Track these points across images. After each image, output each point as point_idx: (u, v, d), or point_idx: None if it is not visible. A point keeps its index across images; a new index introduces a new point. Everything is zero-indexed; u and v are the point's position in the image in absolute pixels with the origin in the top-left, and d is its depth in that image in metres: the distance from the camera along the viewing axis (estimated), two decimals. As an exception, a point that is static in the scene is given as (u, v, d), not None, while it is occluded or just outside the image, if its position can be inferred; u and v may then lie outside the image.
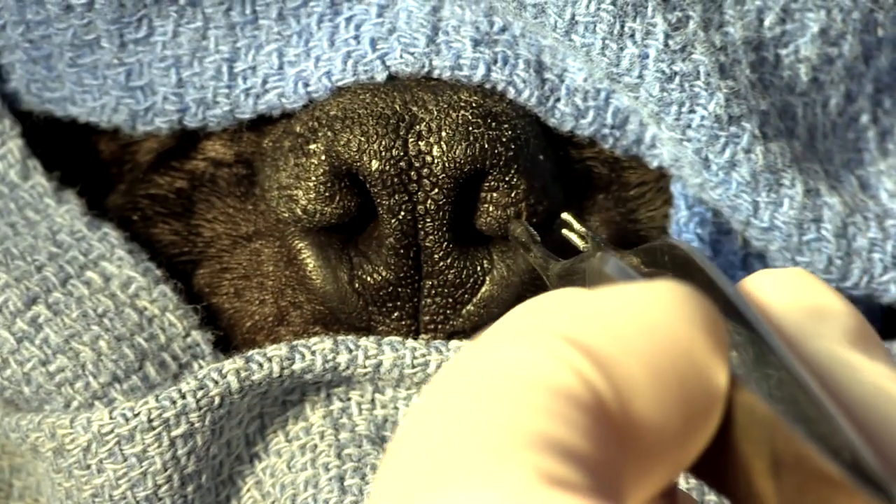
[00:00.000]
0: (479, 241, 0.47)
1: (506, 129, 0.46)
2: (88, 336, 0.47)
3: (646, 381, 0.31)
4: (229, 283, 0.49)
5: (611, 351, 0.31)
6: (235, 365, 0.45)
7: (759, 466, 0.32)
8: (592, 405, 0.30)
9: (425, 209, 0.46)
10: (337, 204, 0.46)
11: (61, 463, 0.46)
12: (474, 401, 0.30)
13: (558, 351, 0.31)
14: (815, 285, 0.37)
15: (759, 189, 0.47)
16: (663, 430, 0.31)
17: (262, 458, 0.47)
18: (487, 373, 0.31)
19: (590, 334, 0.31)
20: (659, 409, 0.31)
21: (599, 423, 0.30)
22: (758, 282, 0.37)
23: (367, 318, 0.47)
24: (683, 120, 0.46)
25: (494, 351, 0.31)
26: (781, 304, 0.36)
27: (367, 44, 0.47)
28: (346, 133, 0.46)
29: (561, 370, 0.31)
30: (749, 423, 0.32)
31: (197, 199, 0.49)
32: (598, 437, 0.30)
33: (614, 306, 0.32)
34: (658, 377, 0.31)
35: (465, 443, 0.30)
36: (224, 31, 0.49)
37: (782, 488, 0.32)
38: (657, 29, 0.46)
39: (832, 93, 0.50)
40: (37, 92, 0.51)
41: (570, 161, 0.49)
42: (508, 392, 0.30)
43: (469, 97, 0.46)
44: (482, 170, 0.46)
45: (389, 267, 0.46)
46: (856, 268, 0.49)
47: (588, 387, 0.31)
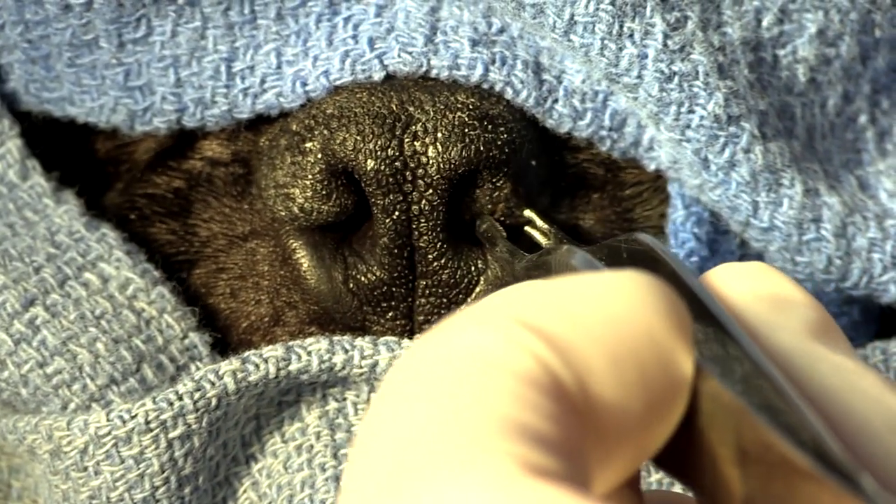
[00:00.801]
0: (473, 241, 0.47)
1: (501, 133, 0.46)
2: (86, 338, 0.47)
3: (605, 366, 0.31)
4: (225, 283, 0.49)
5: (569, 336, 0.31)
6: (232, 366, 0.45)
7: (725, 455, 0.32)
8: (553, 389, 0.30)
9: (420, 209, 0.46)
10: (334, 202, 0.46)
11: (58, 465, 0.45)
12: (440, 389, 0.30)
13: (516, 336, 0.31)
14: (777, 278, 0.37)
15: (759, 189, 0.47)
16: (625, 414, 0.31)
17: (259, 459, 0.47)
18: (450, 359, 0.31)
19: (548, 320, 0.31)
20: (619, 393, 0.31)
21: (561, 406, 0.30)
22: (720, 275, 0.37)
23: (362, 317, 0.47)
24: (682, 120, 0.46)
25: (455, 337, 0.31)
26: (744, 296, 0.36)
27: (366, 43, 0.47)
28: (342, 132, 0.46)
29: (520, 355, 0.31)
30: (714, 411, 0.32)
31: (194, 198, 0.49)
32: (562, 421, 0.30)
33: (574, 293, 0.32)
34: (617, 362, 0.31)
35: (439, 432, 0.29)
36: (222, 30, 0.48)
37: (748, 477, 0.32)
38: (656, 29, 0.46)
39: (830, 93, 0.50)
40: (35, 92, 0.50)
41: (565, 164, 0.49)
42: (472, 378, 0.30)
43: (466, 99, 0.46)
44: (476, 170, 0.46)
45: (384, 267, 0.46)
46: (855, 268, 0.48)
47: (547, 371, 0.31)
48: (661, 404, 0.32)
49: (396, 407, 0.30)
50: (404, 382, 0.31)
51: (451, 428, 0.29)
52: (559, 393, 0.30)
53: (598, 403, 0.31)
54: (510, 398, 0.30)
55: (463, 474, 0.28)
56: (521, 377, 0.30)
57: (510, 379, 0.30)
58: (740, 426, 0.32)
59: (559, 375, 0.31)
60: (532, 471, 0.28)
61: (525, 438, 0.29)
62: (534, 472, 0.28)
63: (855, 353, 0.36)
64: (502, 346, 0.31)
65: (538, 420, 0.30)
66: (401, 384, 0.31)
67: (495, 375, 0.30)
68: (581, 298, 0.32)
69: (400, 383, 0.31)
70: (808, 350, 0.35)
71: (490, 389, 0.30)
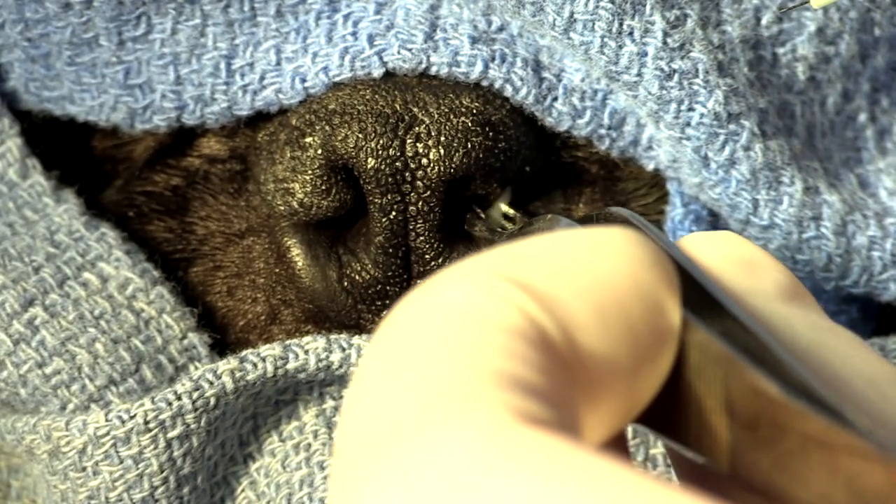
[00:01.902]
0: (468, 241, 0.47)
1: (500, 140, 0.46)
2: (85, 338, 0.47)
3: (591, 318, 0.31)
4: (222, 281, 0.49)
5: (554, 289, 0.31)
6: (230, 365, 0.45)
7: (712, 405, 0.32)
8: (540, 341, 0.31)
9: (417, 210, 0.46)
10: (333, 197, 0.46)
11: (57, 465, 0.45)
12: (429, 344, 0.30)
13: (502, 291, 0.31)
14: (746, 245, 0.37)
15: (759, 187, 0.47)
16: (612, 365, 0.31)
17: (257, 459, 0.47)
18: (437, 315, 0.31)
19: (533, 274, 0.32)
20: (606, 343, 0.31)
21: (549, 358, 0.30)
22: (692, 242, 0.37)
23: (357, 316, 0.47)
24: (682, 118, 0.46)
25: (442, 294, 0.31)
26: (717, 262, 0.36)
27: (365, 40, 0.47)
28: (343, 128, 0.46)
29: (506, 309, 0.31)
30: (702, 362, 0.32)
31: (191, 196, 0.49)
32: (551, 372, 0.30)
33: (559, 248, 0.32)
34: (603, 313, 0.31)
35: (430, 385, 0.29)
36: (222, 28, 0.48)
37: (735, 425, 0.32)
38: (655, 27, 0.46)
39: (830, 91, 0.50)
40: (35, 91, 0.50)
41: (562, 163, 0.49)
42: (461, 332, 0.30)
43: (470, 103, 0.46)
44: (472, 175, 0.46)
45: (378, 265, 0.46)
46: (855, 266, 0.48)
47: (533, 324, 0.31)
48: (649, 353, 0.32)
49: (386, 363, 0.30)
50: (393, 339, 0.31)
51: (442, 380, 0.29)
52: (546, 345, 0.31)
53: (585, 354, 0.31)
54: (498, 351, 0.30)
55: (457, 423, 0.28)
56: (508, 330, 0.30)
57: (497, 332, 0.30)
58: (728, 374, 0.32)
59: (545, 328, 0.31)
60: (525, 418, 0.29)
61: (516, 388, 0.29)
62: (526, 419, 0.29)
63: (825, 314, 0.36)
64: (488, 301, 0.31)
65: (527, 371, 0.30)
66: (390, 341, 0.31)
67: (483, 329, 0.30)
68: (565, 253, 0.32)
69: (389, 340, 0.31)
70: (781, 312, 0.35)
71: (478, 343, 0.30)
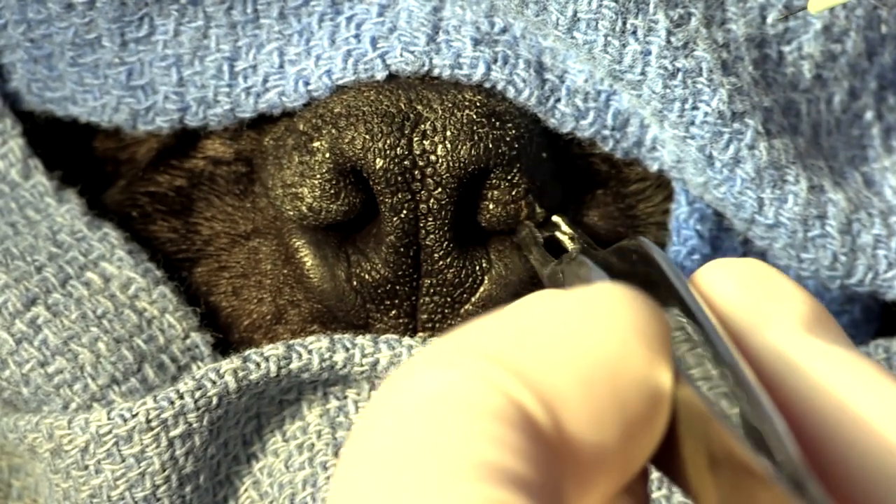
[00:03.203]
0: (478, 240, 0.47)
1: (510, 129, 0.46)
2: (87, 338, 0.46)
3: (578, 396, 0.30)
4: (227, 281, 0.49)
5: (538, 369, 0.30)
6: (233, 365, 0.45)
7: (700, 461, 0.32)
8: (525, 426, 0.30)
9: (428, 208, 0.46)
10: (342, 201, 0.46)
11: (59, 464, 0.45)
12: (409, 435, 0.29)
13: (482, 372, 0.30)
14: (767, 273, 0.36)
15: (764, 185, 0.47)
16: (601, 444, 0.31)
17: (260, 458, 0.47)
18: (416, 404, 0.30)
19: (515, 353, 0.31)
20: (594, 422, 0.31)
21: (535, 444, 0.29)
22: (710, 274, 0.36)
23: (365, 315, 0.47)
24: (687, 117, 0.46)
25: (419, 380, 0.30)
26: (733, 295, 0.36)
27: (368, 42, 0.47)
28: (350, 130, 0.46)
29: (488, 392, 0.30)
30: (689, 418, 0.32)
31: (196, 197, 0.49)
32: (537, 459, 0.29)
33: (542, 323, 0.31)
34: (591, 389, 0.31)
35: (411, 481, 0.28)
36: (225, 29, 0.48)
37: (719, 483, 0.32)
38: (659, 26, 0.46)
39: (836, 90, 0.50)
40: (38, 92, 0.50)
41: (571, 158, 0.48)
42: (442, 421, 0.29)
43: (473, 96, 0.46)
44: (485, 168, 0.46)
45: (388, 265, 0.46)
46: (860, 265, 0.48)
47: (517, 407, 0.30)
48: (640, 423, 0.31)
49: (366, 456, 0.30)
50: (372, 431, 0.30)
51: (424, 475, 0.28)
52: (532, 430, 0.30)
53: (573, 437, 0.30)
54: (482, 439, 0.29)
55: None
56: (491, 416, 0.29)
57: (480, 419, 0.29)
58: (708, 432, 0.32)
59: (530, 412, 0.30)
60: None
61: (499, 481, 0.28)
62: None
63: (849, 342, 0.36)
64: (469, 385, 0.30)
65: (512, 460, 0.29)
66: (369, 433, 0.30)
67: (465, 416, 0.29)
68: (549, 328, 0.31)
69: (368, 432, 0.30)
70: (800, 344, 0.35)
71: (461, 432, 0.29)
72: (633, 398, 0.31)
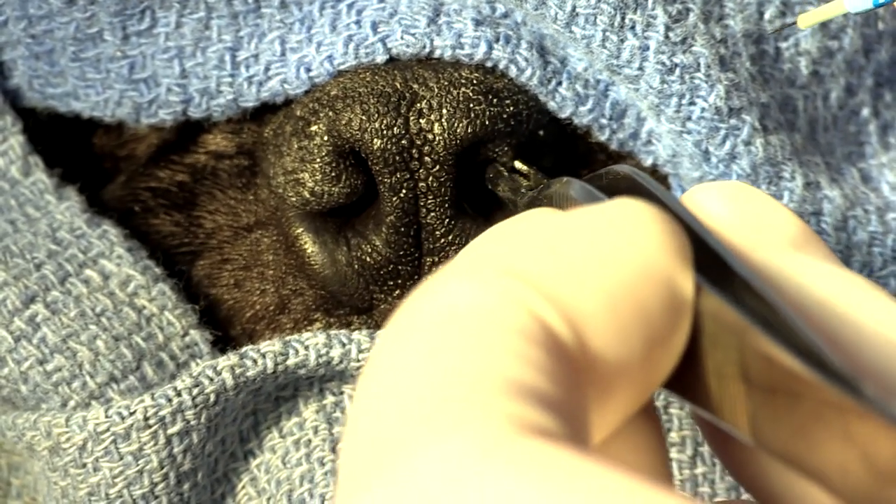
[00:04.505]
0: (481, 217, 0.46)
1: (507, 105, 0.45)
2: (86, 335, 0.46)
3: (602, 312, 0.30)
4: (230, 274, 0.48)
5: (561, 283, 0.30)
6: (230, 361, 0.45)
7: (729, 372, 0.32)
8: (549, 344, 0.29)
9: (427, 186, 0.45)
10: (344, 183, 0.46)
11: (57, 461, 0.45)
12: (435, 349, 0.29)
13: (508, 289, 0.30)
14: (753, 194, 0.36)
15: (759, 182, 0.46)
16: (626, 360, 0.30)
17: (257, 455, 0.46)
18: (442, 318, 0.30)
19: (538, 268, 0.30)
20: (619, 338, 0.30)
21: (559, 362, 0.29)
22: (698, 196, 0.36)
23: (369, 297, 0.47)
24: (684, 112, 0.46)
25: (446, 294, 0.30)
26: (723, 216, 0.35)
27: (369, 27, 0.47)
28: (347, 112, 0.45)
29: (513, 309, 0.30)
30: (716, 330, 0.32)
31: (199, 191, 0.49)
32: (560, 376, 0.29)
33: (563, 234, 0.31)
34: (615, 305, 0.30)
35: (433, 395, 0.28)
36: (227, 20, 0.48)
37: (752, 393, 0.31)
38: (658, 21, 0.46)
39: (833, 86, 0.50)
40: (39, 88, 0.50)
41: (570, 147, 0.48)
42: (467, 336, 0.29)
43: (470, 74, 0.46)
44: (480, 142, 0.45)
45: (390, 245, 0.46)
46: (855, 261, 0.48)
47: (542, 325, 0.30)
48: (664, 335, 0.31)
49: (390, 370, 0.29)
50: (397, 344, 0.30)
51: (447, 389, 0.28)
52: (556, 348, 0.29)
53: (596, 353, 0.30)
54: (506, 357, 0.29)
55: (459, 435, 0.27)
56: (516, 334, 0.29)
57: (505, 336, 0.29)
58: (742, 342, 0.31)
59: (555, 330, 0.30)
60: (530, 430, 0.27)
61: (523, 398, 0.28)
62: (532, 431, 0.27)
63: (837, 260, 0.35)
64: (496, 302, 0.30)
65: (536, 378, 0.29)
66: (394, 346, 0.30)
67: (490, 333, 0.29)
68: (570, 239, 0.31)
69: (393, 345, 0.30)
70: (792, 263, 0.34)
71: (486, 348, 0.29)
72: (657, 307, 0.31)
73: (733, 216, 0.36)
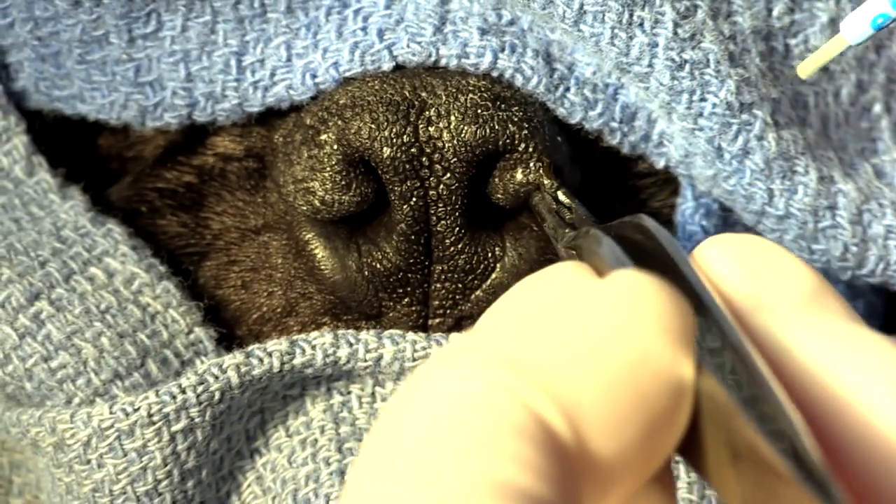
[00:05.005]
0: (492, 226, 0.46)
1: (516, 111, 0.45)
2: (91, 333, 0.46)
3: (600, 404, 0.29)
4: (237, 275, 0.48)
5: (560, 375, 0.29)
6: (235, 360, 0.44)
7: (722, 454, 0.31)
8: (546, 443, 0.28)
9: (437, 194, 0.45)
10: (354, 192, 0.45)
11: (61, 458, 0.45)
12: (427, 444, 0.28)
13: (503, 381, 0.28)
14: (767, 249, 0.35)
15: (773, 176, 0.46)
16: (624, 449, 0.29)
17: (263, 454, 0.46)
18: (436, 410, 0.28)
19: (536, 358, 0.29)
20: (617, 429, 0.29)
21: (554, 459, 0.28)
22: (710, 252, 0.35)
23: (378, 305, 0.46)
24: (695, 108, 0.46)
25: (441, 384, 0.29)
26: (733, 274, 0.34)
27: (375, 34, 0.46)
28: (356, 121, 0.45)
29: (507, 403, 0.28)
30: (712, 410, 0.31)
31: (207, 192, 0.49)
32: (555, 476, 0.28)
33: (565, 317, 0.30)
34: (614, 395, 0.29)
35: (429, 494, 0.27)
36: (233, 24, 0.48)
37: (741, 477, 0.31)
38: (666, 17, 0.45)
39: (843, 82, 0.49)
40: (45, 90, 0.50)
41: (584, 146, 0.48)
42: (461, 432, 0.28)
43: (478, 81, 0.45)
44: (495, 151, 0.45)
45: (400, 253, 0.45)
46: (872, 255, 0.48)
47: (539, 422, 0.28)
48: (664, 421, 0.30)
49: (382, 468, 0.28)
50: (389, 439, 0.29)
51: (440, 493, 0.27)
52: (551, 443, 0.28)
53: (594, 447, 0.29)
54: (501, 457, 0.27)
55: None
56: (510, 430, 0.28)
57: (496, 433, 0.28)
58: (731, 425, 0.31)
59: (551, 426, 0.28)
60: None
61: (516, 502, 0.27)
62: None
63: (853, 314, 0.35)
64: (489, 395, 0.28)
65: (531, 480, 0.27)
66: (386, 441, 0.29)
67: (484, 430, 0.28)
68: (569, 322, 0.30)
69: (386, 440, 0.29)
70: (798, 325, 0.33)
71: (474, 448, 0.27)
72: (657, 396, 0.30)
73: (742, 274, 0.35)
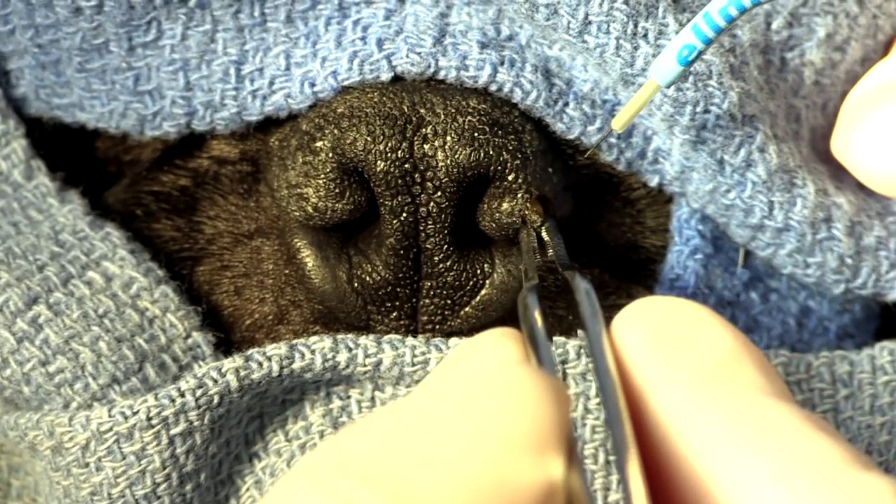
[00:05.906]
0: (481, 244, 0.46)
1: (511, 139, 0.45)
2: (89, 337, 0.46)
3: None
4: (229, 280, 0.48)
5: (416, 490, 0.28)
6: (235, 364, 0.44)
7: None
8: None
9: (427, 211, 0.45)
10: (347, 200, 0.45)
11: (60, 461, 0.44)
12: None
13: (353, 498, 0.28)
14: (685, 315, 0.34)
15: (774, 189, 0.46)
16: None
17: (262, 458, 0.46)
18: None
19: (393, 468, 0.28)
20: None
21: None
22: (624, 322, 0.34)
23: (366, 317, 0.46)
24: (699, 120, 0.46)
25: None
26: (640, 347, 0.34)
27: (374, 44, 0.46)
28: (352, 131, 0.45)
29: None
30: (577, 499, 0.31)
31: (200, 196, 0.49)
32: None
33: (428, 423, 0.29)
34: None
35: None
36: (232, 33, 0.48)
37: None
38: (669, 29, 0.45)
39: (832, 95, 0.50)
40: (45, 98, 0.50)
41: (578, 168, 0.48)
42: None
43: (478, 104, 0.45)
44: (486, 175, 0.45)
45: (389, 267, 0.45)
46: (865, 266, 0.48)
47: None
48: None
49: None
50: None
51: None
52: None
53: None
54: None
55: None
56: None
57: None
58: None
59: None
60: None
61: None
62: None
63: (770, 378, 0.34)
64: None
65: None
66: None
67: None
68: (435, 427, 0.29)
69: None
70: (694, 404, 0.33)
71: None
72: (524, 500, 0.29)
73: (650, 346, 0.34)
